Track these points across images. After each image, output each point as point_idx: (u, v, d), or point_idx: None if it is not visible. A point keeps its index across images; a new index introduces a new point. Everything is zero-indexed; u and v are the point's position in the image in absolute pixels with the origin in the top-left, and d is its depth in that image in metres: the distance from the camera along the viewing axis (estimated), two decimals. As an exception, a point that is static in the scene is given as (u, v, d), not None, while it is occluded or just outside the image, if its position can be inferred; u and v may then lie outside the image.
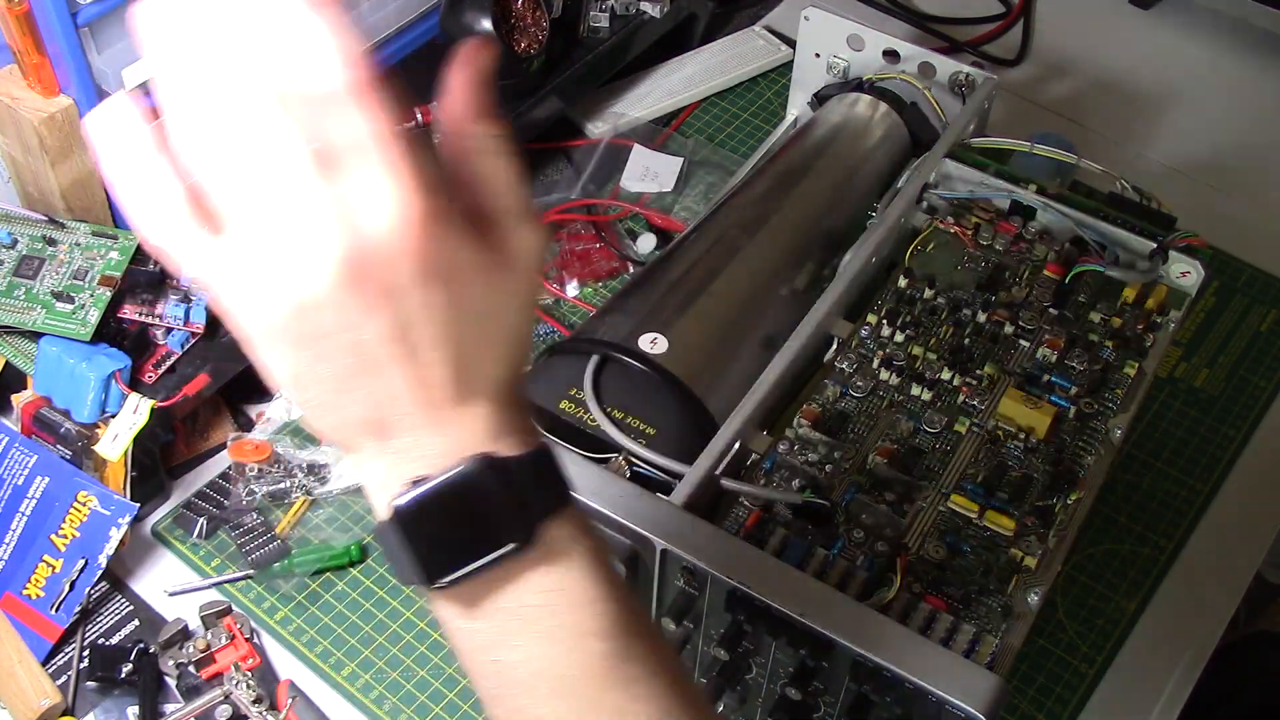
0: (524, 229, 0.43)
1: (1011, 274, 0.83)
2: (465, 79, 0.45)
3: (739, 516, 0.69)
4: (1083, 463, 0.73)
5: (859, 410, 0.75)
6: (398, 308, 0.40)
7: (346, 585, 0.85)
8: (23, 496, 0.81)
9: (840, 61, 1.03)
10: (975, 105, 0.92)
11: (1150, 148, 1.15)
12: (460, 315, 0.41)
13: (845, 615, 0.61)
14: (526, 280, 0.43)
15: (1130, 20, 1.28)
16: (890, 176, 0.94)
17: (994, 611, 0.67)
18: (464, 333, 0.42)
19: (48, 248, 0.84)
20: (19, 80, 0.81)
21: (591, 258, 1.02)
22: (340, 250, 0.39)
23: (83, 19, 0.78)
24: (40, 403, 0.83)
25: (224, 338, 0.85)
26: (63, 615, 0.80)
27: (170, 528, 0.87)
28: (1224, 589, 0.88)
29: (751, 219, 0.88)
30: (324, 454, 0.89)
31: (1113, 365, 0.78)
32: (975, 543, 0.69)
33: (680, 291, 0.82)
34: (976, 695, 0.58)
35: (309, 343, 0.40)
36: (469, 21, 0.97)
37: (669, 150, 1.11)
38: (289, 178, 0.38)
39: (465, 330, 0.42)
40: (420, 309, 0.40)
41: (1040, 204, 0.85)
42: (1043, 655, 0.83)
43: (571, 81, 1.05)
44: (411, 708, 0.79)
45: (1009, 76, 1.21)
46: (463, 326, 0.41)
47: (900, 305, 0.81)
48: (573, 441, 0.70)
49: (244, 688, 0.78)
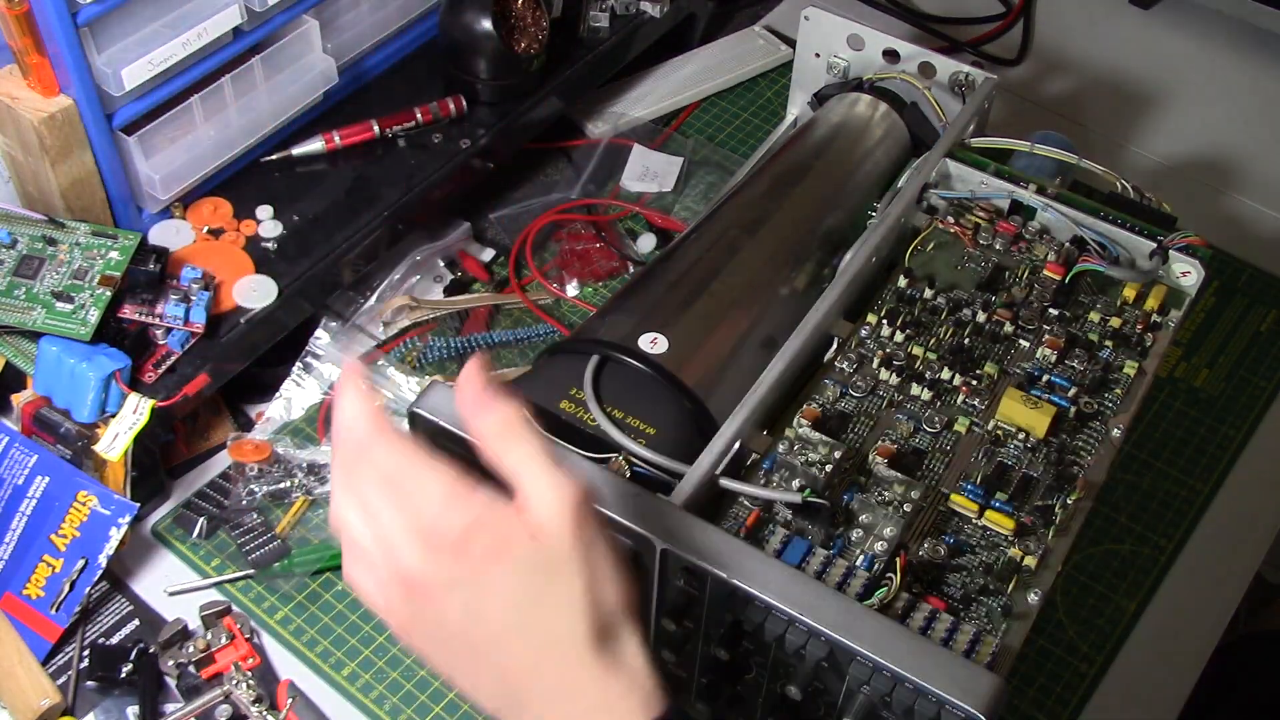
0: (548, 497, 0.52)
1: (1011, 274, 0.83)
2: (475, 372, 0.54)
3: (739, 516, 0.69)
4: (1082, 463, 0.73)
5: (859, 410, 0.75)
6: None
7: (346, 585, 0.85)
8: (23, 496, 0.81)
9: (840, 61, 1.03)
10: (975, 105, 0.92)
11: (1150, 148, 1.15)
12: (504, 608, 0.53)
13: (845, 615, 0.61)
14: (562, 552, 0.52)
15: (1130, 20, 1.28)
16: (890, 176, 0.94)
17: (994, 611, 0.67)
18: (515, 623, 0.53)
19: (48, 248, 0.84)
20: (19, 80, 0.81)
21: (591, 258, 1.02)
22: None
23: (83, 19, 0.78)
24: (40, 403, 0.83)
25: (224, 338, 0.85)
26: (63, 615, 0.80)
27: (170, 528, 0.87)
28: (1224, 589, 0.88)
29: (751, 219, 0.88)
30: (324, 454, 0.89)
31: (1112, 365, 0.78)
32: (975, 543, 0.69)
33: (680, 291, 0.82)
34: (976, 695, 0.58)
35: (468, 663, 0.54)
36: (469, 21, 0.97)
37: (669, 150, 1.11)
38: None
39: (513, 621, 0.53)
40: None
41: (1040, 204, 0.85)
42: (1043, 655, 0.83)
43: (571, 81, 1.05)
44: (411, 708, 0.79)
45: (1009, 76, 1.21)
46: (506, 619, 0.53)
47: (900, 305, 0.81)
48: (573, 441, 0.70)
49: (244, 688, 0.78)
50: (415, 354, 0.96)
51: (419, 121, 0.98)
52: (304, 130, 0.97)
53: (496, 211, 1.06)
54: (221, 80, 0.88)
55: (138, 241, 0.85)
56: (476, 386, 0.53)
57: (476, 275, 1.01)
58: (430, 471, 0.52)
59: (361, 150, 0.97)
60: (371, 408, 0.54)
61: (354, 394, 0.55)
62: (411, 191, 0.95)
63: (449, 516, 0.52)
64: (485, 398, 0.53)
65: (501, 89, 1.01)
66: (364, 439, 0.53)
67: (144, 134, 0.85)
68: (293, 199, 0.94)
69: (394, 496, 0.53)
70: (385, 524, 0.53)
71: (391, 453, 0.53)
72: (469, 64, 0.99)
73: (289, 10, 0.90)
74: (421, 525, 0.52)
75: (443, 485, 0.52)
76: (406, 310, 0.97)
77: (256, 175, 0.95)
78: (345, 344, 0.94)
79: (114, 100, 0.83)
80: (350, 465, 0.54)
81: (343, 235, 0.92)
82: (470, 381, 0.54)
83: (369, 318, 0.96)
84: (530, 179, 1.09)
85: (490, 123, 1.00)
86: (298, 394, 0.92)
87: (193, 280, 0.85)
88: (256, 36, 0.89)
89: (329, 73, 0.95)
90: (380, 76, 1.02)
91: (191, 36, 0.84)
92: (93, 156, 0.84)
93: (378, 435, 0.53)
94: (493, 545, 0.52)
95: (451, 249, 1.02)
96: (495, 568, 0.52)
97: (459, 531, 0.52)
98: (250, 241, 0.91)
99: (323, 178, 0.96)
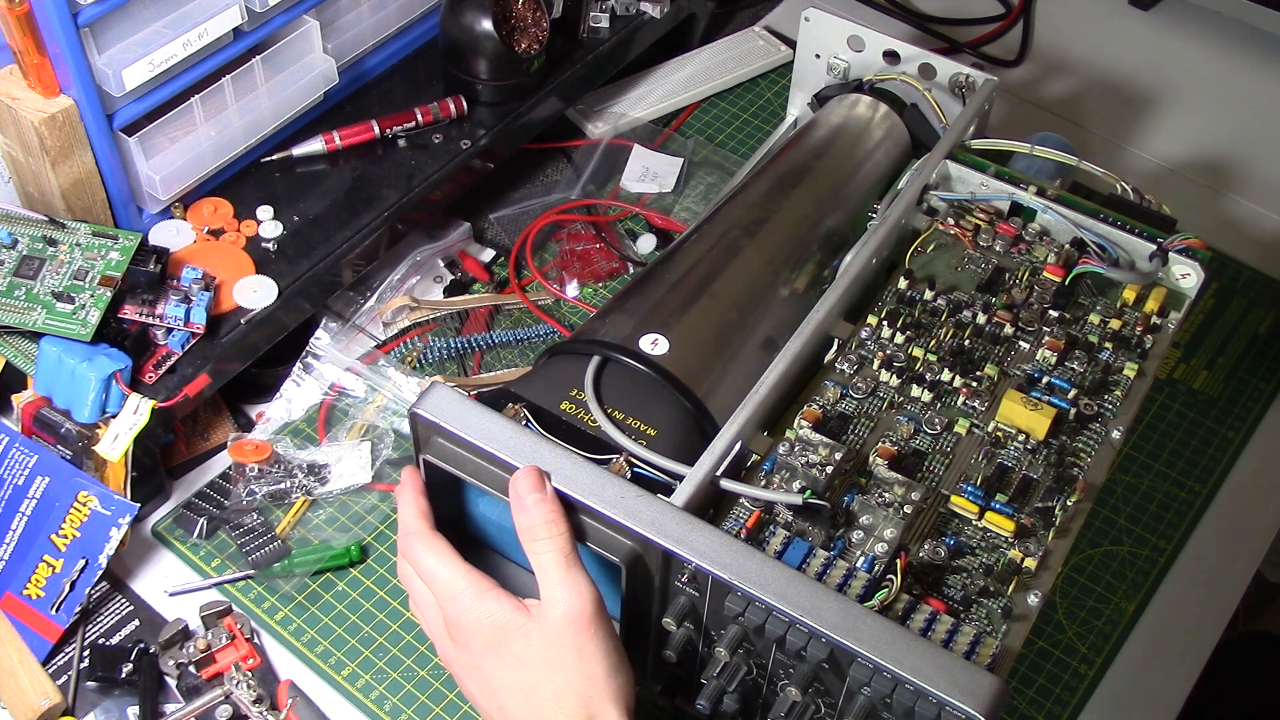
0: (559, 601, 0.63)
1: (1011, 275, 0.83)
2: (525, 476, 0.65)
3: (739, 518, 0.69)
4: (1082, 464, 0.73)
5: (859, 411, 0.75)
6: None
7: (346, 585, 0.85)
8: (23, 496, 0.81)
9: (840, 62, 1.03)
10: (975, 106, 0.92)
11: (1150, 148, 1.16)
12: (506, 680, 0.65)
13: (846, 617, 0.61)
14: (562, 635, 0.63)
15: (1130, 20, 1.28)
16: (890, 178, 0.94)
17: (994, 613, 0.67)
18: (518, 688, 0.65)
19: (48, 248, 0.84)
20: (19, 80, 0.81)
21: (591, 258, 1.02)
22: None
23: (83, 19, 0.78)
24: (40, 403, 0.83)
25: (224, 338, 0.86)
26: (63, 615, 0.80)
27: (170, 528, 0.87)
28: (1224, 589, 0.88)
29: (752, 220, 0.88)
30: (324, 454, 0.89)
31: (1112, 367, 0.78)
32: (975, 544, 0.70)
33: (681, 292, 0.82)
34: (977, 696, 0.58)
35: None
36: (469, 21, 0.97)
37: (669, 150, 1.11)
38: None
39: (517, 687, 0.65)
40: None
41: (1040, 205, 0.85)
42: (1043, 656, 0.83)
43: (571, 81, 1.05)
44: (412, 708, 0.79)
45: (1009, 77, 1.21)
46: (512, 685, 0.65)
47: (900, 306, 0.81)
48: (573, 442, 0.70)
49: (244, 688, 0.78)
50: (415, 354, 0.96)
51: (419, 122, 0.98)
52: (304, 130, 0.97)
53: (496, 211, 1.06)
54: (222, 80, 0.88)
55: (138, 242, 0.85)
56: (519, 490, 0.64)
57: (476, 275, 1.01)
58: (454, 574, 0.65)
59: (361, 150, 0.97)
60: (422, 508, 0.68)
61: (410, 495, 0.69)
62: (411, 191, 0.95)
63: (461, 614, 0.65)
64: (524, 503, 0.64)
65: (501, 89, 1.01)
66: (416, 538, 0.67)
67: (144, 134, 0.85)
68: (293, 199, 0.94)
69: (431, 585, 0.66)
70: (426, 605, 0.68)
71: (430, 554, 0.66)
72: (469, 64, 0.99)
73: (289, 10, 0.90)
74: (446, 615, 0.66)
75: (463, 588, 0.65)
76: (406, 310, 0.97)
77: (256, 175, 0.95)
78: (345, 344, 0.94)
79: (114, 101, 0.83)
80: (405, 551, 0.68)
81: (343, 235, 0.92)
82: (520, 482, 0.64)
83: (369, 318, 0.96)
84: (530, 179, 1.09)
85: (490, 123, 1.00)
86: (298, 394, 0.92)
87: (193, 280, 0.85)
88: (257, 37, 0.89)
89: (329, 73, 0.95)
90: (380, 76, 1.02)
91: (192, 37, 0.84)
92: (93, 157, 0.84)
93: (421, 538, 0.67)
94: (491, 640, 0.64)
95: (451, 249, 1.02)
96: (493, 659, 0.64)
97: (467, 626, 0.64)
98: (250, 242, 0.91)
99: (323, 178, 0.96)
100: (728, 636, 0.64)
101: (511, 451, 0.66)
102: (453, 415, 0.67)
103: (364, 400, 0.92)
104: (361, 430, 0.91)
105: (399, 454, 0.90)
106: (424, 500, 0.69)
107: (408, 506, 0.69)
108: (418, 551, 0.67)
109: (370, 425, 0.91)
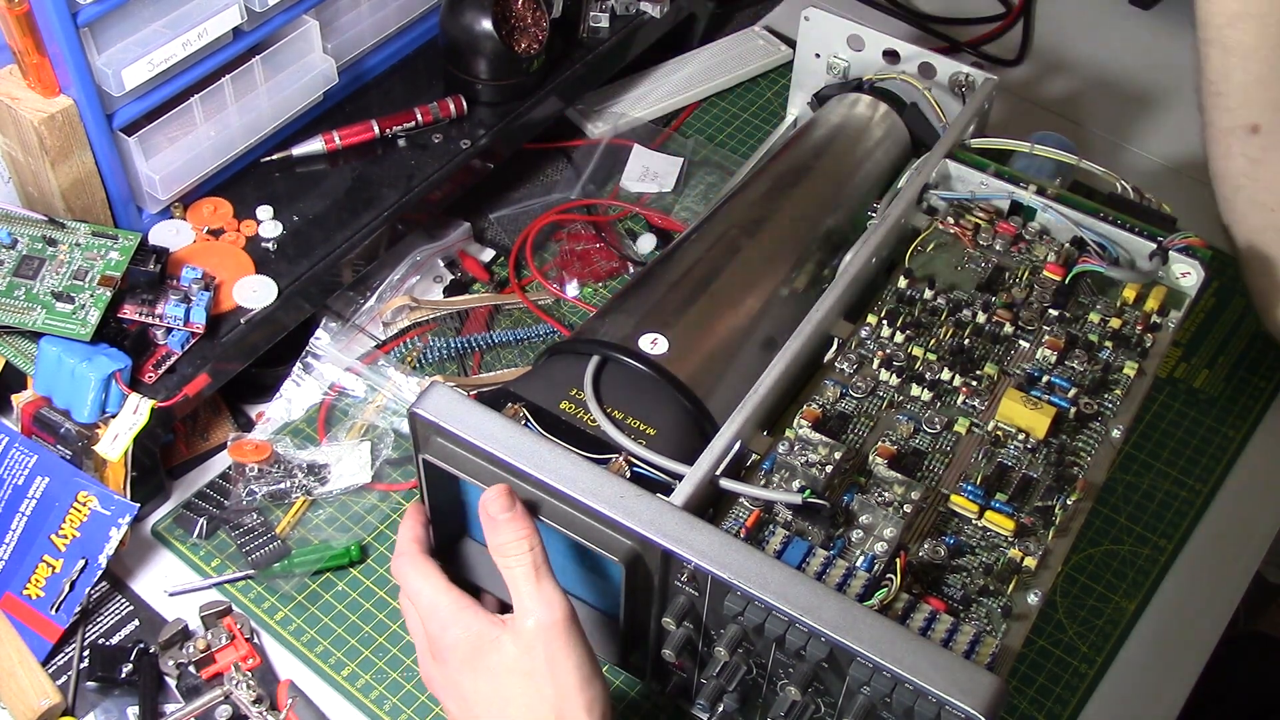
0: (530, 614, 0.64)
1: (1011, 274, 0.83)
2: (495, 496, 0.66)
3: (739, 517, 0.69)
4: (1082, 463, 0.73)
5: (859, 411, 0.75)
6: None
7: (346, 585, 0.85)
8: (23, 496, 0.81)
9: (840, 62, 1.03)
10: (975, 105, 0.92)
11: (1150, 148, 1.15)
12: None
13: (845, 616, 0.61)
14: (534, 648, 0.64)
15: (1130, 20, 1.28)
16: (890, 177, 0.94)
17: (994, 612, 0.67)
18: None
19: (48, 248, 0.84)
20: (19, 80, 0.81)
21: (591, 258, 1.02)
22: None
23: (83, 19, 0.78)
24: (40, 403, 0.83)
25: (224, 338, 0.86)
26: (63, 615, 0.80)
27: (170, 528, 0.87)
28: (1224, 589, 0.88)
29: (751, 219, 0.88)
30: (324, 454, 0.89)
31: (1112, 366, 0.78)
32: (975, 543, 0.70)
33: (680, 292, 0.82)
34: (976, 695, 0.58)
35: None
36: (469, 21, 0.97)
37: (669, 150, 1.11)
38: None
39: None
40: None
41: (1040, 204, 0.85)
42: (1043, 655, 0.83)
43: (571, 81, 1.05)
44: (411, 708, 0.79)
45: (1009, 76, 1.21)
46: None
47: (900, 306, 0.81)
48: (573, 442, 0.70)
49: (244, 688, 0.78)
50: (415, 354, 0.96)
51: (419, 121, 0.98)
52: (304, 130, 0.97)
53: (496, 211, 1.06)
54: (221, 80, 0.88)
55: (138, 242, 0.85)
56: (489, 511, 0.65)
57: (476, 275, 1.01)
58: (436, 592, 0.67)
59: (361, 150, 0.97)
60: (417, 535, 0.71)
61: (409, 522, 0.71)
62: (411, 191, 0.95)
63: (441, 630, 0.67)
64: (495, 522, 0.65)
65: (501, 89, 1.01)
66: (406, 560, 0.69)
67: (144, 134, 0.85)
68: (293, 199, 0.94)
69: (416, 604, 0.69)
70: (413, 627, 0.71)
71: (416, 575, 0.68)
72: (469, 64, 0.99)
73: (289, 10, 0.90)
74: (428, 633, 0.68)
75: (444, 605, 0.67)
76: (406, 310, 0.97)
77: (256, 175, 0.95)
78: (345, 344, 0.94)
79: (114, 100, 0.83)
80: (395, 572, 0.70)
81: (343, 235, 0.92)
82: (490, 502, 0.65)
83: (369, 318, 0.96)
84: (530, 179, 1.09)
85: (490, 123, 1.00)
86: (298, 394, 0.92)
87: (193, 280, 0.85)
88: (256, 36, 0.89)
89: (329, 73, 0.95)
90: (380, 76, 1.02)
91: (191, 37, 0.84)
92: (93, 157, 0.84)
93: (411, 560, 0.69)
94: (468, 654, 0.65)
95: (451, 249, 1.02)
96: (469, 674, 0.65)
97: (446, 643, 0.66)
98: (250, 241, 0.91)
99: (323, 178, 0.96)
100: (727, 636, 0.64)
101: (511, 451, 0.66)
102: (452, 415, 0.67)
103: (364, 400, 0.92)
104: (361, 430, 0.91)
105: (399, 454, 0.90)
106: (421, 528, 0.71)
107: (405, 532, 0.71)
108: (406, 573, 0.69)
109: (370, 425, 0.91)
